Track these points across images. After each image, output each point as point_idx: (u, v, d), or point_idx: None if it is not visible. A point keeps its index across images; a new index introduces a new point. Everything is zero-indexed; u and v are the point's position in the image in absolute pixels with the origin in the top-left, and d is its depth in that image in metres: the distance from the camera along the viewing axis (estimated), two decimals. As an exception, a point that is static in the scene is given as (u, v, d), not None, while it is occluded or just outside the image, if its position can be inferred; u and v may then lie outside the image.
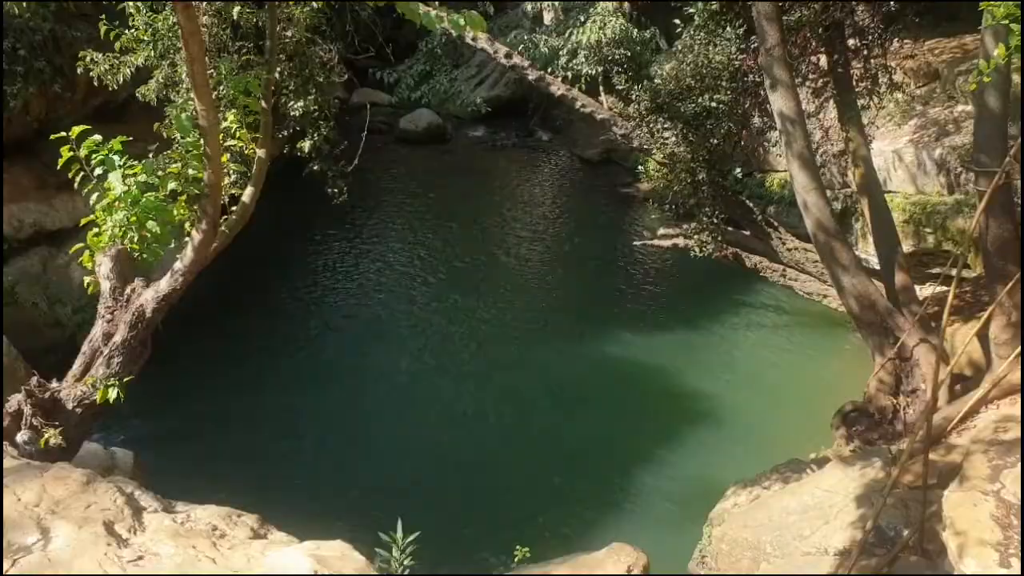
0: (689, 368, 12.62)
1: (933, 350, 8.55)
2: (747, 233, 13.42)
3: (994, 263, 8.12)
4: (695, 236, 12.82)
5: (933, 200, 12.04)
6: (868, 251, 11.81)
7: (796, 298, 13.68)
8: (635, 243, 15.31)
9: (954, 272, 5.97)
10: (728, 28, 11.16)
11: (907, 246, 11.45)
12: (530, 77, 14.22)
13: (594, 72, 17.60)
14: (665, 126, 12.50)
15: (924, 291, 11.22)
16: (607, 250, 17.38)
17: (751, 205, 13.27)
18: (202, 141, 5.50)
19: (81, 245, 6.16)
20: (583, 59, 17.92)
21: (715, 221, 12.44)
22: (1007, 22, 5.42)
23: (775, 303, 14.26)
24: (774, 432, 10.81)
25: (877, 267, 10.56)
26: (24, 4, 5.15)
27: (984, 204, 7.09)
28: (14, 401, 5.78)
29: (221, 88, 7.17)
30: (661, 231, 14.63)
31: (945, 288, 10.52)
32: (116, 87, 10.27)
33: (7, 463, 4.70)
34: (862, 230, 12.80)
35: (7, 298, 12.42)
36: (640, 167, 18.36)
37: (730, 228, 13.20)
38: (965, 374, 9.25)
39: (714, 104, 11.41)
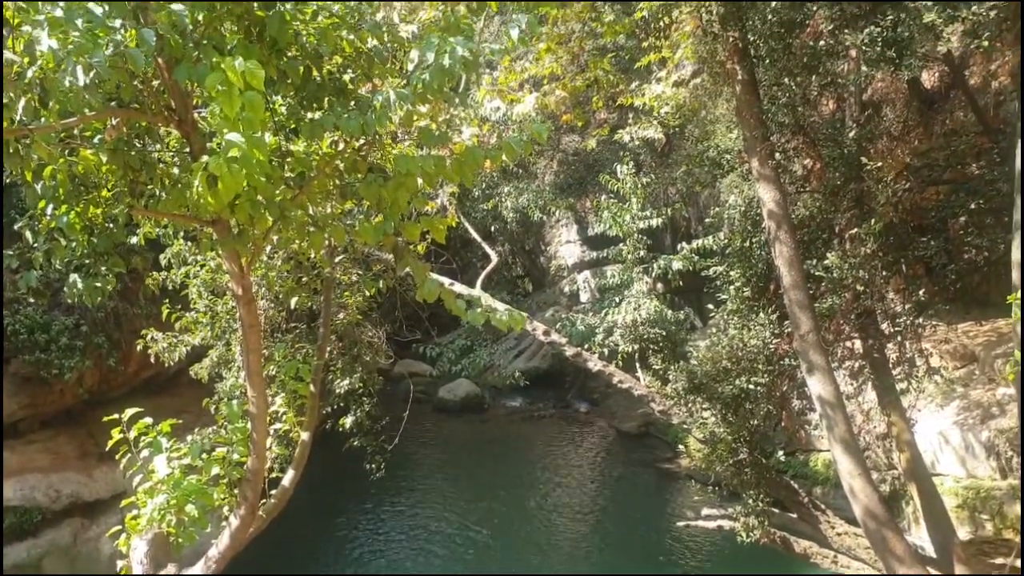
0: (741, 666, 11.72)
1: (1008, 656, 7.87)
2: (794, 516, 12.90)
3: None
4: (741, 519, 12.34)
5: (986, 484, 11.64)
6: (922, 535, 11.25)
7: (851, 587, 12.91)
8: (678, 524, 14.78)
9: (1020, 564, 5.65)
10: (761, 314, 11.44)
11: (963, 533, 10.92)
12: (567, 353, 14.56)
13: (630, 349, 18.01)
14: (704, 406, 12.50)
15: (989, 585, 10.53)
16: (649, 529, 16.79)
17: (796, 487, 12.88)
18: (250, 426, 5.62)
19: (119, 528, 6.12)
20: (619, 337, 18.40)
21: (760, 504, 12.02)
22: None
23: (829, 592, 13.43)
24: None
25: (933, 555, 10.00)
26: (98, 295, 5.51)
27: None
28: None
29: (272, 370, 7.43)
30: (705, 512, 14.12)
31: (1012, 582, 9.88)
32: (171, 364, 10.70)
33: None
34: (914, 514, 12.30)
35: (31, 570, 12.23)
36: (680, 445, 18.18)
37: (776, 510, 12.72)
38: None
39: (752, 386, 11.44)
